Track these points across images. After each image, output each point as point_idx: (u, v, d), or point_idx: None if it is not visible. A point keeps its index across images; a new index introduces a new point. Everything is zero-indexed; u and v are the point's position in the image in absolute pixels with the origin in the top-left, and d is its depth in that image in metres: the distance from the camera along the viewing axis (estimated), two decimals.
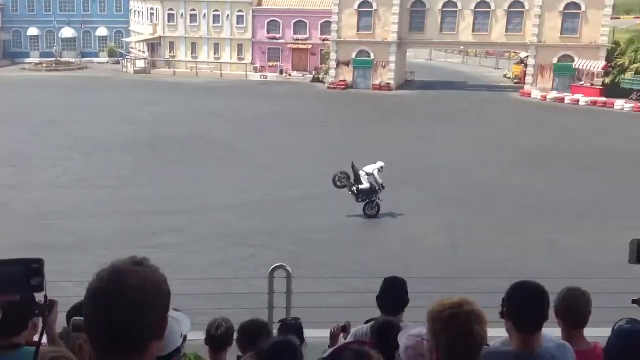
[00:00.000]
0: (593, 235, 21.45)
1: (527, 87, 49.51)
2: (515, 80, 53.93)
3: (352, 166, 23.07)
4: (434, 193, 26.24)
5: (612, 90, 45.64)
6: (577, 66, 47.82)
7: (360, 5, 53.40)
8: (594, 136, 35.96)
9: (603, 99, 45.03)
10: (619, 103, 43.89)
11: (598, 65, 47.08)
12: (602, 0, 47.93)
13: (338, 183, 23.15)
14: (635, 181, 27.76)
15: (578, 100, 45.68)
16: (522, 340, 3.06)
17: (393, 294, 4.81)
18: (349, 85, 53.36)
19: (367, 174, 22.97)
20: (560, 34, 49.23)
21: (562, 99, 46.37)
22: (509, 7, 50.76)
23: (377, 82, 52.83)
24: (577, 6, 48.58)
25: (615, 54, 47.63)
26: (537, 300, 3.11)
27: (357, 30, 53.68)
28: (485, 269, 16.11)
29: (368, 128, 37.89)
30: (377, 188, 22.94)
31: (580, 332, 3.77)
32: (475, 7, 51.67)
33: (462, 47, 58.66)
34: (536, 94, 47.78)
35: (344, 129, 37.13)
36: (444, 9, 52.49)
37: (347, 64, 53.92)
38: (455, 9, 52.26)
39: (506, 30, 51.27)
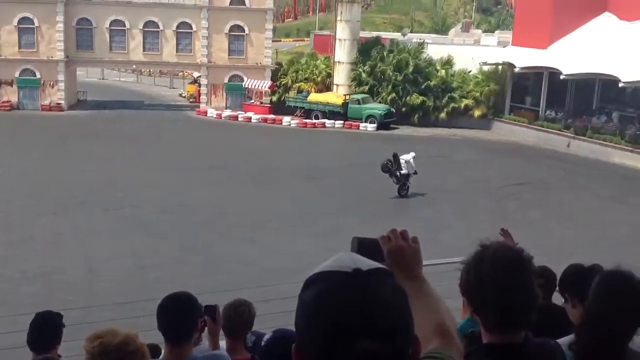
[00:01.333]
0: (273, 243, 22.75)
1: (202, 106, 50.78)
2: (191, 100, 54.91)
3: (394, 155, 28.16)
4: (117, 215, 25.48)
5: (280, 108, 49.06)
6: (246, 86, 50.39)
7: (20, 22, 49.70)
8: (266, 151, 38.27)
9: (272, 116, 48.17)
10: (287, 120, 47.38)
11: (265, 84, 50.20)
12: (263, 24, 51.28)
13: (385, 169, 27.97)
14: (303, 191, 30.17)
15: (250, 118, 48.22)
16: None
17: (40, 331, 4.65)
18: (14, 107, 49.27)
19: (406, 161, 27.91)
20: (229, 55, 51.38)
21: (236, 117, 48.54)
22: (177, 27, 51.53)
23: (46, 102, 49.60)
24: (242, 29, 51.24)
25: (279, 74, 51.27)
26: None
27: (19, 48, 49.91)
28: (174, 288, 15.98)
29: (40, 151, 35.44)
30: (412, 173, 27.90)
31: None
32: (144, 26, 51.50)
33: (134, 66, 58.06)
34: (212, 112, 49.29)
35: (10, 153, 34.16)
36: (112, 28, 51.38)
37: (10, 83, 49.74)
38: (123, 28, 51.49)
39: (177, 51, 51.97)
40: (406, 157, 28.24)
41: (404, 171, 28.07)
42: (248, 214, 26.39)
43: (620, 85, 37.66)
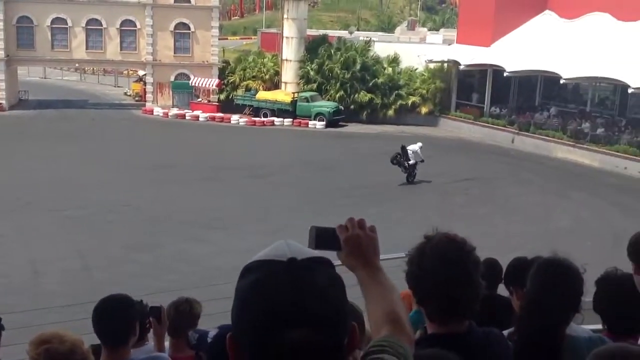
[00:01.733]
0: (222, 242, 22.61)
1: (149, 105, 50.01)
2: (137, 98, 53.99)
3: (402, 148, 30.57)
4: (62, 216, 24.94)
5: (228, 106, 48.64)
6: (193, 84, 49.86)
7: None
8: (215, 150, 37.98)
9: (221, 114, 47.76)
10: (235, 118, 47.03)
11: (212, 83, 49.76)
12: (209, 22, 50.82)
13: (394, 161, 30.47)
14: (253, 189, 30.08)
15: (198, 117, 47.72)
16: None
17: None
18: None
19: (413, 152, 30.32)
20: (174, 53, 50.76)
21: (183, 116, 47.99)
22: (121, 25, 50.68)
23: None
24: (187, 26, 50.68)
25: (227, 72, 50.88)
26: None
27: None
28: (121, 289, 15.73)
29: None
30: (419, 161, 30.42)
31: None
32: (87, 24, 50.45)
33: (77, 65, 56.83)
34: (158, 111, 48.59)
35: None
36: (54, 26, 50.18)
37: None
38: (65, 26, 50.34)
39: (121, 49, 51.11)
40: (413, 148, 30.69)
41: (411, 161, 30.60)
42: (197, 212, 26.16)
43: (562, 81, 38.63)
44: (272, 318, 1.32)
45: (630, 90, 34.54)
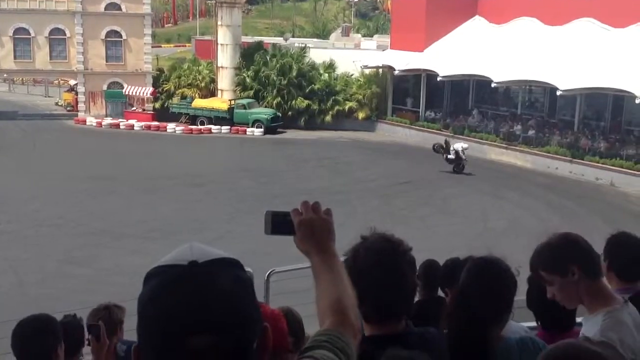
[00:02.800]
0: (160, 253, 22.20)
1: (81, 115, 48.89)
2: (69, 108, 52.73)
3: (446, 141, 34.88)
4: None
5: (163, 114, 47.99)
6: (127, 92, 49.01)
7: None
8: (151, 159, 37.38)
9: (156, 123, 47.06)
10: (171, 126, 46.40)
11: (147, 91, 49.02)
12: (142, 29, 50.09)
13: (435, 149, 34.63)
14: (191, 199, 29.73)
15: (133, 126, 46.90)
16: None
17: None
18: None
19: (454, 149, 33.87)
20: (106, 62, 49.83)
21: (117, 125, 47.08)
22: (50, 34, 49.47)
23: None
24: (119, 34, 49.82)
25: (161, 80, 50.21)
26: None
27: None
28: (57, 305, 15.31)
29: None
30: (462, 158, 33.89)
31: None
32: (14, 33, 49.08)
33: (5, 75, 55.10)
34: (91, 120, 47.54)
35: None
36: None
37: None
38: None
39: (51, 58, 49.88)
40: (457, 147, 34.00)
41: (450, 155, 33.85)
42: (134, 224, 25.68)
43: (493, 85, 39.60)
44: (173, 325, 1.27)
45: (558, 93, 35.66)
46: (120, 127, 47.03)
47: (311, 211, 1.82)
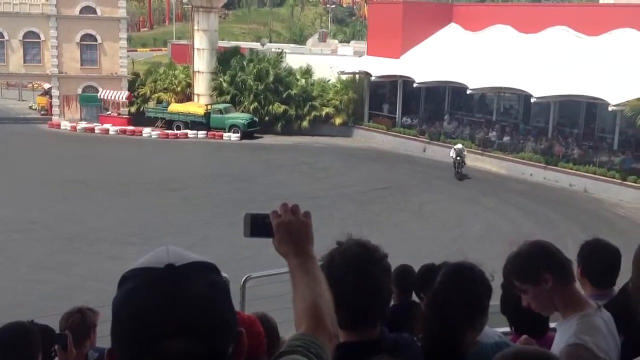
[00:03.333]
0: (134, 258, 22.00)
1: (55, 119, 48.40)
2: (43, 112, 52.17)
3: (458, 149, 35.65)
4: None
5: (139, 119, 47.66)
6: (102, 96, 48.63)
7: None
8: (127, 163, 37.10)
9: (132, 127, 46.73)
10: (147, 131, 46.10)
11: (122, 95, 48.69)
12: (117, 33, 49.80)
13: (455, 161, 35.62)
14: (168, 203, 29.56)
15: (108, 130, 46.53)
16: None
17: None
18: None
19: (454, 149, 35.50)
20: (81, 65, 49.45)
21: (92, 129, 46.67)
22: (24, 37, 48.98)
23: None
24: (94, 38, 49.46)
25: (137, 84, 49.90)
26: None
27: None
28: (30, 311, 15.11)
29: None
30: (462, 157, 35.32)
31: None
32: None
33: None
34: (66, 125, 47.09)
35: None
36: None
37: None
38: None
39: (24, 61, 49.38)
40: (457, 147, 35.59)
41: (451, 154, 35.56)
42: (110, 229, 25.44)
43: (468, 92, 39.91)
44: (147, 329, 1.25)
45: (532, 100, 36.03)
46: (95, 131, 46.63)
47: (290, 213, 1.80)
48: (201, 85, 48.59)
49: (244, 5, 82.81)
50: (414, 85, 42.46)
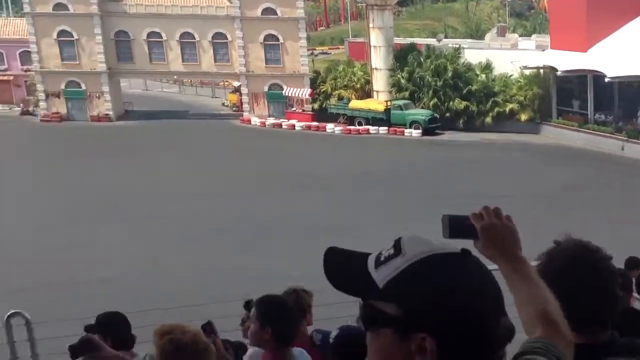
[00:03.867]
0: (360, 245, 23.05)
1: (246, 115, 51.21)
2: (234, 109, 55.26)
3: None
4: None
5: (322, 115, 49.30)
6: (287, 94, 50.70)
7: (59, 35, 50.50)
8: (312, 158, 38.74)
9: (316, 123, 48.54)
10: (330, 126, 47.72)
11: (305, 92, 50.51)
12: (297, 33, 51.52)
13: None
14: (355, 197, 30.54)
15: (294, 126, 48.69)
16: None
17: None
18: (64, 118, 50.29)
19: None
20: (266, 64, 51.66)
21: (280, 125, 49.04)
22: (213, 38, 51.94)
23: (94, 113, 50.60)
24: (276, 38, 51.47)
25: (318, 82, 51.51)
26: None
27: (62, 60, 50.76)
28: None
29: (96, 161, 36.46)
30: None
31: None
32: (180, 37, 52.02)
33: (176, 77, 58.60)
34: (255, 120, 49.81)
35: (65, 162, 35.26)
36: (150, 40, 51.98)
37: (57, 95, 50.68)
38: (160, 40, 52.05)
39: (215, 61, 52.38)
40: None
41: None
42: (305, 219, 26.78)
43: None
44: (490, 309, 1.36)
45: None
46: (283, 126, 48.91)
47: (493, 216, 1.73)
48: (379, 82, 49.36)
49: (417, 2, 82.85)
50: (606, 79, 40.62)
